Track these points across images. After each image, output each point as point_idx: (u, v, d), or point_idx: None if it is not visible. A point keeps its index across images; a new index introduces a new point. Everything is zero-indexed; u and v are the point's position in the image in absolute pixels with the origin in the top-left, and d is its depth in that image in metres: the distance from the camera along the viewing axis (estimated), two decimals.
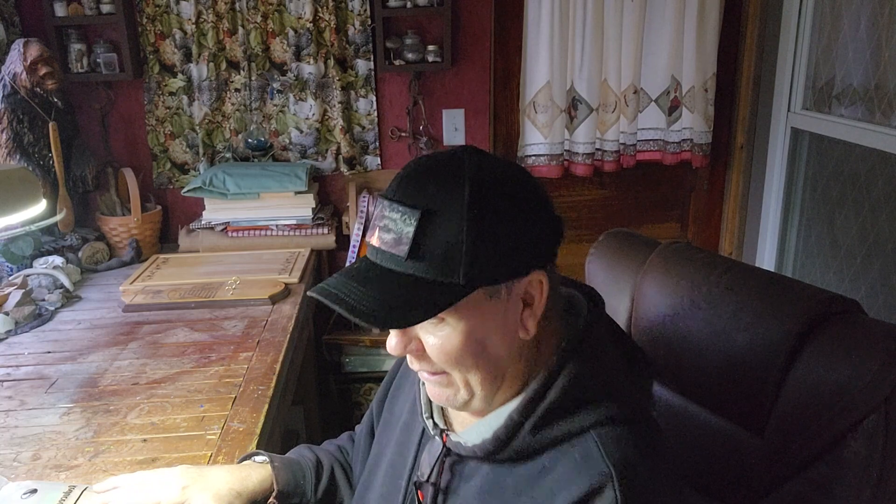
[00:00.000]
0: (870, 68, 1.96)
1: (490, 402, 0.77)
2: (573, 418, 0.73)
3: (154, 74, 2.18)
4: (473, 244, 0.68)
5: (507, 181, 0.73)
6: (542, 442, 0.73)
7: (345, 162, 2.27)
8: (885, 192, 1.93)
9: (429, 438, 0.86)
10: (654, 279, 1.09)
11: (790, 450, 0.88)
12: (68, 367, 1.46)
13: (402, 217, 0.69)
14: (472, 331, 0.71)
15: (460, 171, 0.70)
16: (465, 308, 0.70)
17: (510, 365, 0.75)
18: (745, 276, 1.01)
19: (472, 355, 0.73)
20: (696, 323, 1.00)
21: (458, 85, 2.28)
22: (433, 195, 0.69)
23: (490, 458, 0.76)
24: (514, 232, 0.70)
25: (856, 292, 2.05)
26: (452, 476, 0.81)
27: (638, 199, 2.53)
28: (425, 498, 0.82)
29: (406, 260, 0.68)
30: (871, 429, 0.82)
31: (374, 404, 1.03)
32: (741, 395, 0.95)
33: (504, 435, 0.74)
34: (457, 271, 0.68)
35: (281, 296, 1.79)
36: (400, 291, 0.69)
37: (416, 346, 0.74)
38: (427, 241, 0.68)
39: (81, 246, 2.04)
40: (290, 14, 2.15)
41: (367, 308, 0.68)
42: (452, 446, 0.80)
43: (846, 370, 0.83)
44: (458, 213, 0.68)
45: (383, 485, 0.91)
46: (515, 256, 0.71)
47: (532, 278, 0.72)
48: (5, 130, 1.88)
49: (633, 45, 2.21)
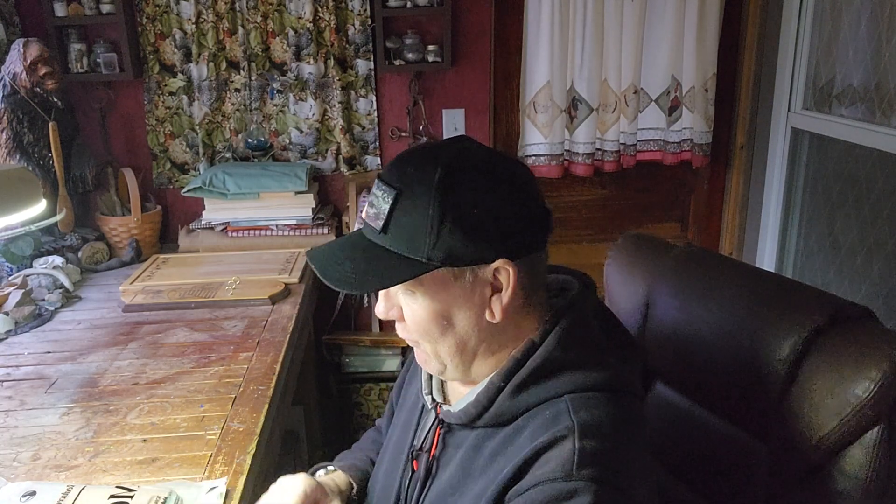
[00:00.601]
0: (870, 68, 1.96)
1: (466, 372, 0.82)
2: (550, 384, 0.76)
3: (154, 74, 2.18)
4: (438, 225, 0.72)
5: (484, 169, 0.75)
6: (520, 406, 0.77)
7: (345, 162, 2.27)
8: (885, 192, 1.93)
9: (427, 412, 0.91)
10: (668, 283, 1.10)
11: (793, 457, 0.88)
12: (68, 367, 1.46)
13: (383, 195, 0.75)
14: (436, 306, 0.77)
15: (439, 156, 0.75)
16: (430, 283, 0.76)
17: (481, 342, 0.79)
18: (758, 281, 1.01)
19: (438, 328, 0.78)
20: (706, 327, 1.00)
21: (458, 85, 2.28)
22: (410, 176, 0.75)
23: (472, 423, 0.80)
24: (480, 218, 0.73)
25: (856, 292, 2.05)
26: (445, 447, 0.85)
27: (638, 199, 2.53)
28: (420, 466, 0.87)
29: (380, 233, 0.75)
30: (875, 439, 0.82)
31: (393, 393, 1.08)
32: (747, 400, 0.95)
33: (485, 398, 0.79)
34: (421, 249, 0.73)
35: (281, 296, 1.79)
36: (372, 261, 0.76)
37: (397, 314, 0.81)
38: (399, 219, 0.74)
39: (81, 246, 2.04)
40: (290, 14, 2.15)
41: (339, 274, 0.76)
42: (443, 415, 0.85)
43: (851, 378, 0.83)
44: (426, 194, 0.73)
45: (388, 460, 0.95)
46: (481, 242, 0.73)
47: (499, 266, 0.75)
48: (5, 130, 1.88)
49: (633, 45, 2.21)
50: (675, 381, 1.10)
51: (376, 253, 0.76)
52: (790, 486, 0.89)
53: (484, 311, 0.77)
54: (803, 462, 0.87)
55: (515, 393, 0.77)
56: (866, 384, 0.81)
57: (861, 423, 0.82)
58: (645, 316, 1.12)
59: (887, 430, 0.82)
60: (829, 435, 0.84)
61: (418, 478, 0.87)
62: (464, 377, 0.83)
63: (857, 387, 0.82)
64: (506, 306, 0.77)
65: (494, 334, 0.79)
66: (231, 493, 1.03)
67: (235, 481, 1.06)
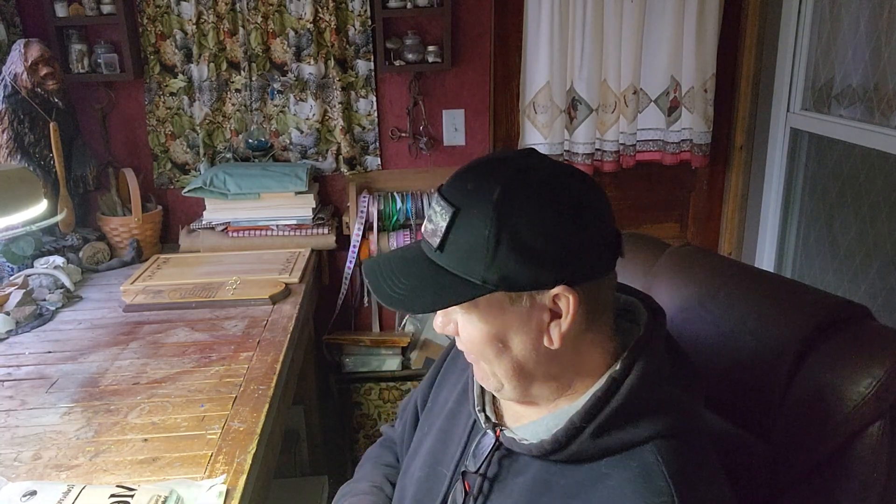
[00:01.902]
0: (869, 68, 1.96)
1: (525, 394, 0.79)
2: (633, 427, 0.73)
3: (155, 75, 2.19)
4: (494, 247, 0.69)
5: (546, 188, 0.71)
6: (600, 448, 0.73)
7: (345, 162, 2.27)
8: (884, 193, 1.93)
9: (479, 430, 0.86)
10: (663, 282, 1.09)
11: (796, 456, 0.88)
12: (69, 366, 1.46)
13: (441, 211, 0.72)
14: (490, 329, 0.74)
15: (499, 173, 0.72)
16: (485, 306, 0.73)
17: (539, 366, 0.76)
18: (755, 280, 1.01)
19: (493, 351, 0.75)
20: (704, 326, 1.00)
21: (458, 85, 2.28)
22: (469, 193, 0.72)
23: (545, 457, 0.77)
24: (539, 241, 0.69)
25: (855, 292, 2.05)
26: (500, 469, 0.82)
27: (637, 200, 2.53)
28: (472, 488, 0.83)
29: (436, 251, 0.73)
30: (877, 436, 0.82)
31: (420, 392, 1.04)
32: (748, 399, 0.95)
33: (564, 438, 0.74)
34: (477, 270, 0.70)
35: (281, 296, 1.79)
36: (427, 279, 0.73)
37: (454, 329, 0.78)
38: (456, 237, 0.71)
39: (82, 246, 2.04)
40: (291, 15, 2.16)
41: (392, 291, 0.74)
42: (506, 441, 0.81)
43: (852, 376, 0.83)
44: (485, 213, 0.69)
45: (422, 469, 0.92)
46: (539, 267, 0.69)
47: (559, 292, 0.71)
48: (6, 131, 1.88)
49: (632, 45, 2.21)
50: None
51: (431, 272, 0.73)
52: (792, 485, 0.89)
53: (542, 336, 0.74)
54: (805, 460, 0.87)
55: (597, 435, 0.73)
56: (868, 381, 0.81)
57: (863, 420, 0.82)
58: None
59: (889, 427, 0.81)
60: (832, 432, 0.84)
61: (472, 497, 0.83)
62: (522, 398, 0.80)
63: (859, 384, 0.82)
64: (565, 333, 0.73)
65: (554, 360, 0.76)
66: (231, 493, 1.04)
67: (236, 480, 1.07)
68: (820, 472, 0.86)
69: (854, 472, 0.83)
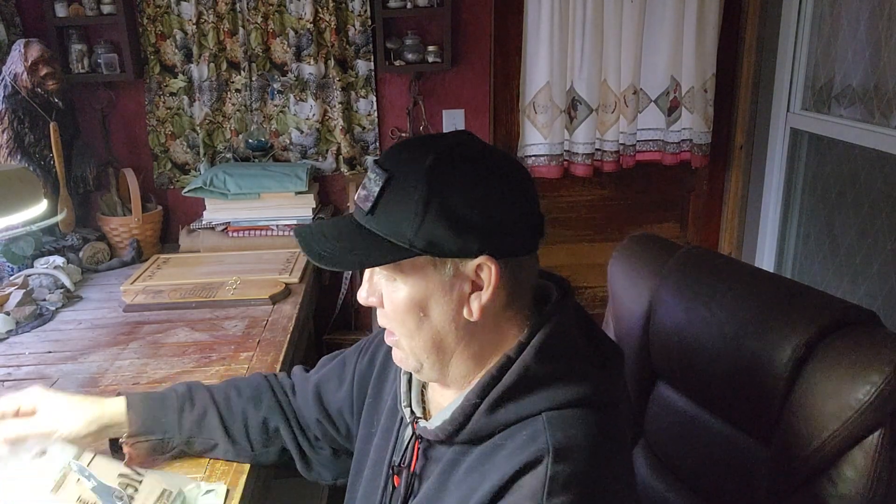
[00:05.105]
0: (869, 69, 1.96)
1: (443, 372, 0.80)
2: (527, 400, 0.74)
3: (155, 75, 2.19)
4: (423, 211, 0.71)
5: (478, 162, 0.74)
6: (497, 423, 0.75)
7: (345, 162, 2.27)
8: (884, 193, 1.93)
9: (406, 425, 0.89)
10: (672, 284, 1.09)
11: (795, 461, 0.88)
12: (69, 366, 1.46)
13: (375, 177, 0.75)
14: (414, 293, 0.76)
15: (433, 145, 0.74)
16: (410, 270, 0.75)
17: (459, 340, 0.78)
18: (762, 284, 1.01)
19: (414, 318, 0.77)
20: (709, 328, 1.00)
21: (458, 85, 2.28)
22: (403, 161, 0.74)
23: (450, 440, 0.79)
24: (467, 210, 0.72)
25: (855, 292, 2.05)
26: (426, 461, 0.84)
27: (637, 200, 2.53)
28: (400, 482, 0.85)
29: (367, 215, 0.75)
30: (876, 444, 0.81)
31: (357, 377, 1.05)
32: (749, 403, 0.95)
33: (460, 416, 0.77)
34: (405, 234, 0.72)
35: (281, 296, 1.79)
36: (356, 242, 0.75)
37: (378, 300, 0.80)
38: (387, 202, 0.73)
39: (82, 246, 2.04)
40: (291, 15, 2.16)
41: (321, 250, 0.76)
42: (420, 431, 0.83)
43: (853, 383, 0.82)
44: (416, 179, 0.72)
45: (370, 468, 0.94)
46: (465, 234, 0.72)
47: (482, 262, 0.73)
48: (6, 131, 1.88)
49: (632, 45, 2.21)
50: (677, 383, 1.09)
51: (361, 234, 0.75)
52: (791, 490, 0.89)
53: (462, 307, 0.75)
54: (805, 466, 0.87)
55: (491, 410, 0.75)
56: (868, 388, 0.81)
57: (863, 427, 0.82)
58: (648, 317, 1.12)
59: (889, 434, 0.81)
60: (831, 439, 0.84)
61: (399, 495, 0.84)
62: (441, 377, 0.81)
63: (859, 391, 0.81)
64: (485, 306, 0.75)
65: (473, 335, 0.78)
66: (231, 493, 1.04)
67: (236, 481, 1.07)
68: (819, 478, 0.86)
69: (854, 478, 0.83)
